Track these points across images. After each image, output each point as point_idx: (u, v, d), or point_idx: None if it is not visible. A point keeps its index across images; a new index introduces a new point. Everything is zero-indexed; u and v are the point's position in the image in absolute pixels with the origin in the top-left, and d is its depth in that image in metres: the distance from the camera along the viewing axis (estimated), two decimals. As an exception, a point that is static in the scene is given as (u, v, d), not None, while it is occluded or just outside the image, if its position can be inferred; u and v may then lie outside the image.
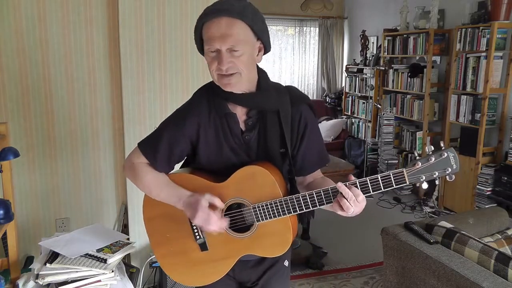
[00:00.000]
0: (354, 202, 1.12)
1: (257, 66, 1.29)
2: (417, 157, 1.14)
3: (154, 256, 2.54)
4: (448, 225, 2.08)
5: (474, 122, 4.07)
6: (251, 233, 1.27)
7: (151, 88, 2.55)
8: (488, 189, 3.88)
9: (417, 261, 1.94)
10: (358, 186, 1.14)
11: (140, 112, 2.56)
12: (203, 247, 1.33)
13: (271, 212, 1.22)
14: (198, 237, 1.32)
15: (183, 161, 1.44)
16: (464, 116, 4.19)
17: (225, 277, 1.40)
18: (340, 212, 1.16)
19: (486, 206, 3.79)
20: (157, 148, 1.31)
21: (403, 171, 1.12)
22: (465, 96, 4.16)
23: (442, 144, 1.12)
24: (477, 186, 3.96)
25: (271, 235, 1.27)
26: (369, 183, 1.14)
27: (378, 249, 2.48)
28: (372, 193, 1.15)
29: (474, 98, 4.08)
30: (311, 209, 1.20)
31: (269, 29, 1.27)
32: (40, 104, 2.48)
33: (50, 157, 2.55)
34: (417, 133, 4.94)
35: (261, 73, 1.29)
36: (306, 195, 1.19)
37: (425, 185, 1.13)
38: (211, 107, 1.28)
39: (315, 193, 1.18)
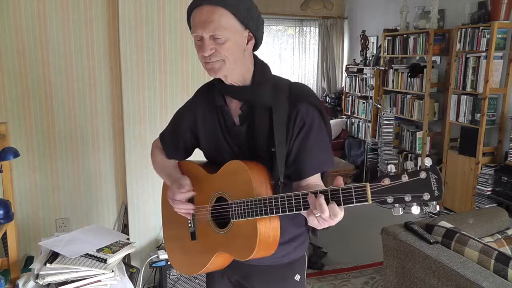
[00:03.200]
0: (322, 218, 0.99)
1: (257, 59, 1.26)
2: (391, 172, 0.92)
3: (154, 256, 2.55)
4: (448, 225, 2.08)
5: (474, 122, 4.07)
6: (227, 231, 1.23)
7: (151, 88, 2.55)
8: (488, 189, 3.88)
9: (417, 261, 1.94)
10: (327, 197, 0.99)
11: (140, 112, 2.56)
12: (193, 236, 1.34)
13: (242, 211, 1.15)
14: (190, 225, 1.34)
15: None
16: (464, 116, 4.19)
17: (229, 283, 1.40)
18: (309, 221, 1.03)
19: (486, 206, 3.79)
20: (165, 138, 1.46)
21: (365, 186, 0.93)
22: (465, 96, 4.16)
23: (427, 162, 0.90)
24: (477, 186, 3.96)
25: (240, 236, 1.19)
26: (329, 195, 0.99)
27: (378, 249, 2.48)
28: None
29: (474, 98, 4.08)
30: (281, 214, 1.08)
31: (269, 29, 1.26)
32: (40, 104, 2.48)
33: (50, 157, 2.55)
34: (417, 133, 4.94)
35: (259, 66, 1.26)
36: (278, 198, 1.08)
37: (415, 210, 0.90)
38: (209, 98, 1.31)
39: (287, 197, 1.07)
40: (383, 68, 5.50)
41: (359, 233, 3.84)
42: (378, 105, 5.56)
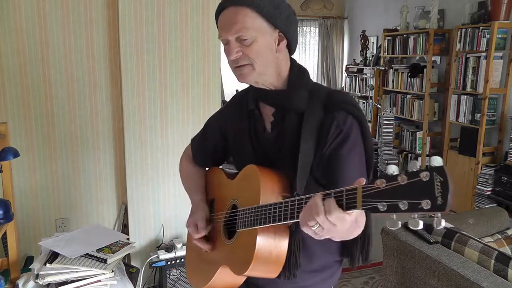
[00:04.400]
0: (322, 219, 0.80)
1: (295, 63, 1.18)
2: (391, 172, 0.73)
3: (154, 256, 2.55)
4: (448, 225, 2.08)
5: (474, 122, 4.07)
6: (232, 242, 1.14)
7: (151, 88, 2.55)
8: (488, 189, 3.88)
9: (417, 261, 1.93)
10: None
11: (140, 112, 2.56)
12: None
13: (245, 220, 1.06)
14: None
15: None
16: (464, 116, 4.19)
17: None
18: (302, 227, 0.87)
19: (486, 206, 3.79)
20: (194, 142, 1.43)
21: (356, 189, 0.77)
22: (465, 96, 4.17)
23: (434, 162, 0.68)
24: (477, 186, 3.96)
25: (241, 248, 1.09)
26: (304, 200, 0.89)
27: (378, 249, 2.48)
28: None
29: (474, 98, 4.08)
30: (289, 221, 0.94)
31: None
32: (40, 104, 2.48)
33: (50, 157, 2.55)
34: (417, 133, 4.94)
35: (296, 70, 1.16)
36: (277, 204, 0.97)
37: (419, 225, 0.69)
38: (243, 104, 1.25)
39: (284, 204, 0.95)
40: (383, 68, 5.50)
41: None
42: (378, 105, 5.56)
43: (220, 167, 1.39)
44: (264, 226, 1.01)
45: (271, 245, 1.03)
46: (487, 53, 3.86)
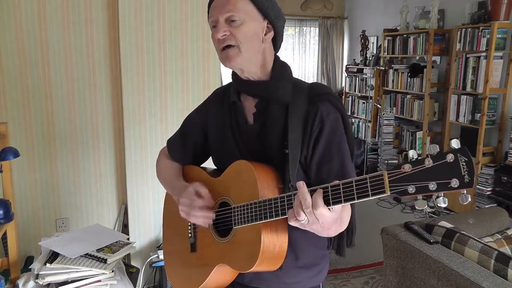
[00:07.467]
0: (310, 213, 0.87)
1: (278, 58, 1.20)
2: (413, 158, 0.79)
3: (154, 256, 2.55)
4: (448, 225, 2.08)
5: (474, 122, 4.08)
6: (228, 239, 1.12)
7: (151, 88, 2.55)
8: (488, 189, 3.88)
9: (417, 261, 1.93)
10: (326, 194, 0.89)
11: (140, 112, 2.56)
12: (193, 247, 1.25)
13: (244, 216, 1.05)
14: (190, 235, 1.26)
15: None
16: (464, 116, 4.19)
17: None
18: (290, 221, 0.92)
19: (486, 206, 3.79)
20: (174, 138, 1.39)
21: (382, 175, 0.81)
22: (465, 96, 4.17)
23: (454, 144, 0.76)
24: (477, 186, 3.96)
25: (242, 244, 1.09)
26: (330, 190, 0.88)
27: (378, 249, 2.48)
28: (343, 203, 0.86)
29: (474, 98, 4.08)
30: (287, 216, 0.97)
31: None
32: (40, 104, 2.48)
33: (50, 157, 2.55)
34: (417, 133, 4.94)
35: (279, 64, 1.19)
36: (284, 197, 0.98)
37: (442, 203, 0.78)
38: (223, 98, 1.26)
39: (286, 197, 0.97)
40: (383, 68, 5.50)
41: (359, 233, 3.82)
42: (378, 105, 5.56)
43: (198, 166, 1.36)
44: (267, 221, 1.01)
45: (274, 239, 1.05)
46: (487, 53, 3.86)
